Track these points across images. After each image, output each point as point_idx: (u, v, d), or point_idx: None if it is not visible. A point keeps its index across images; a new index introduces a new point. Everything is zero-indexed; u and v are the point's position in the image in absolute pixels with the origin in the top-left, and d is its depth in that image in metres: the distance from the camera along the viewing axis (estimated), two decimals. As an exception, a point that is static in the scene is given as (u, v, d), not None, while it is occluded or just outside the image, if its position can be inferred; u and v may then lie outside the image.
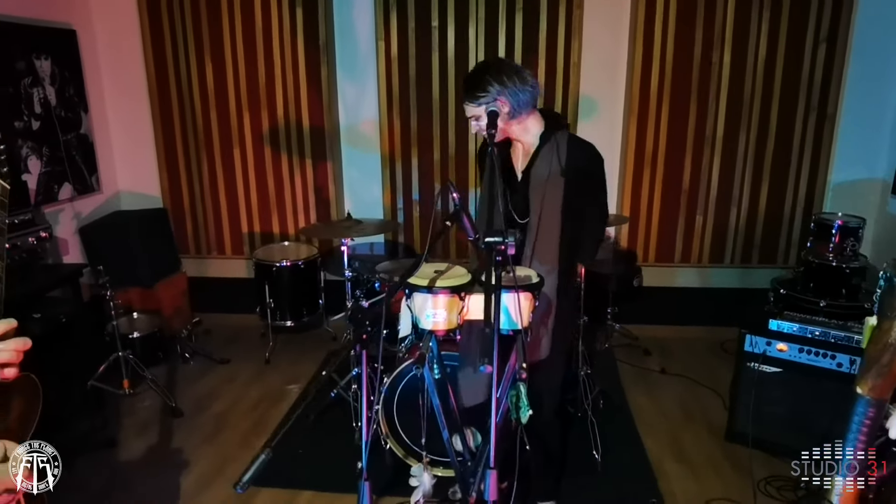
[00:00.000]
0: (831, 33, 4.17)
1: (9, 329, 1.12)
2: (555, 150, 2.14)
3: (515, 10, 4.22)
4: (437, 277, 1.78)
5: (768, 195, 4.47)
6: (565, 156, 2.12)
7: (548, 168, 2.13)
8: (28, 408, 1.20)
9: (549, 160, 2.13)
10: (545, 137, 2.16)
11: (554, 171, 2.12)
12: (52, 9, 4.10)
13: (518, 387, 1.57)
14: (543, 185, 2.11)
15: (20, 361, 1.17)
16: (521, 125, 2.16)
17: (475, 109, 2.08)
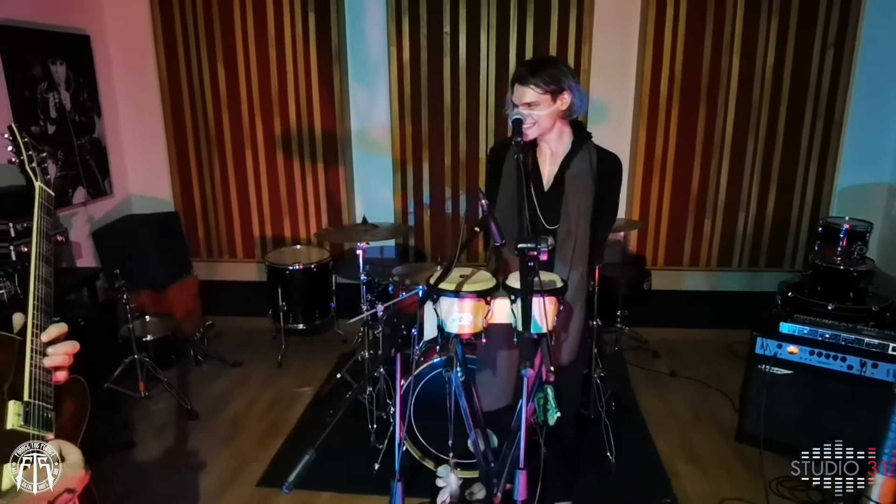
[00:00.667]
0: (838, 40, 4.24)
1: (60, 333, 1.18)
2: (587, 158, 2.17)
3: (526, 17, 4.29)
4: (464, 282, 1.83)
5: (776, 200, 4.53)
6: (596, 164, 2.17)
7: (584, 175, 2.16)
8: (79, 409, 1.25)
9: (583, 168, 2.16)
10: (577, 145, 2.19)
11: (587, 181, 2.15)
12: (66, 14, 4.16)
13: (545, 389, 1.62)
14: (579, 192, 2.13)
15: (70, 364, 1.22)
16: (562, 129, 2.17)
17: (538, 95, 2.02)
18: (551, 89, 2.03)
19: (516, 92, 2.07)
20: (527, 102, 2.04)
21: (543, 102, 2.04)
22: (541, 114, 2.04)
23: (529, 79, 2.03)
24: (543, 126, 2.09)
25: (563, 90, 2.06)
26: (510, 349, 2.26)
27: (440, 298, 1.80)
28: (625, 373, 3.98)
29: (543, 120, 2.07)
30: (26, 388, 1.08)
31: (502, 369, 2.31)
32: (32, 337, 1.12)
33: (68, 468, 1.02)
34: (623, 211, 4.59)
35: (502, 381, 2.31)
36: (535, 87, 2.03)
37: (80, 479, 1.04)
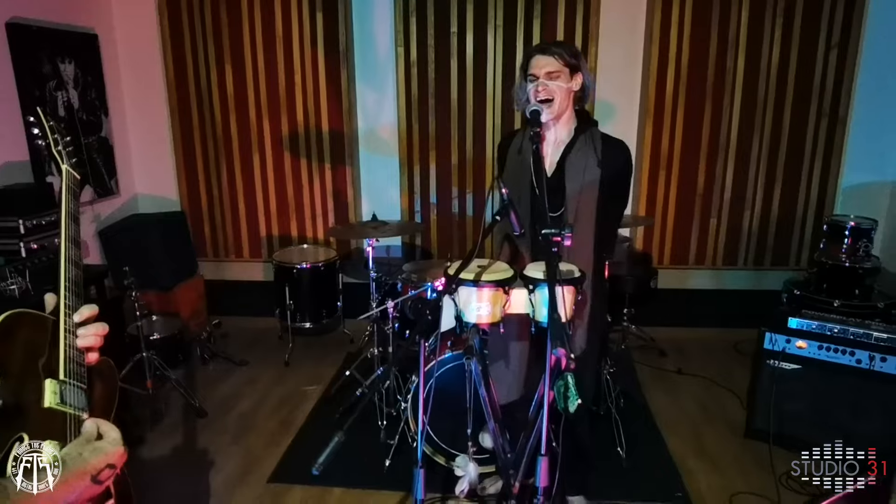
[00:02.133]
0: (842, 39, 4.27)
1: (91, 315, 1.19)
2: (590, 144, 2.16)
3: (533, 17, 4.32)
4: (482, 272, 1.85)
5: (781, 198, 4.56)
6: (601, 152, 2.16)
7: (584, 162, 2.15)
8: (109, 388, 1.27)
9: (585, 154, 2.15)
10: (579, 131, 2.19)
11: (590, 166, 2.14)
12: (75, 13, 4.18)
13: (566, 377, 1.62)
14: (581, 178, 2.13)
15: (101, 346, 1.24)
16: (569, 115, 2.18)
17: (560, 66, 2.06)
18: (572, 63, 2.08)
19: (538, 62, 2.09)
20: (549, 72, 2.06)
21: (563, 75, 2.07)
22: (561, 86, 2.07)
23: (553, 49, 2.08)
24: (560, 105, 2.10)
25: (580, 69, 2.11)
26: (521, 340, 2.28)
27: (459, 288, 1.81)
28: (632, 371, 4.00)
29: (561, 96, 2.09)
30: (61, 367, 1.09)
31: (514, 362, 2.32)
32: (65, 317, 1.13)
33: (109, 444, 1.04)
34: (631, 208, 4.61)
35: (514, 373, 2.32)
36: (559, 58, 2.06)
37: (120, 455, 1.05)
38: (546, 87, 2.06)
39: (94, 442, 1.03)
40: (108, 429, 1.06)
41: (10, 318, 1.08)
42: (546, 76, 2.07)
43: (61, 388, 1.07)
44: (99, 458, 1.01)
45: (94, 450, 1.01)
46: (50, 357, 1.11)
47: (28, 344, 1.10)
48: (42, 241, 3.41)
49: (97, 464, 1.00)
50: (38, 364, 1.09)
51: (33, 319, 1.13)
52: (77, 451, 1.00)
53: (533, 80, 2.09)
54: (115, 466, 1.03)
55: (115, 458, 1.03)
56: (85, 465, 0.98)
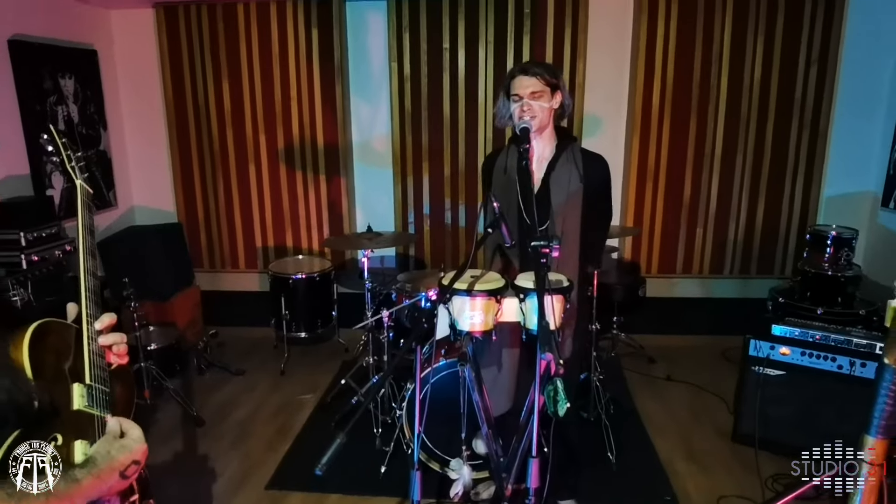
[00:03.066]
0: (822, 55, 4.39)
1: (111, 323, 1.25)
2: (572, 160, 2.26)
3: (523, 33, 4.42)
4: (475, 282, 1.91)
5: (765, 208, 4.65)
6: (582, 166, 2.26)
7: (567, 176, 2.24)
8: (128, 392, 1.33)
9: (568, 170, 2.25)
10: (561, 148, 2.29)
11: (574, 180, 2.24)
12: (75, 30, 4.25)
13: (555, 381, 1.69)
14: (566, 192, 2.22)
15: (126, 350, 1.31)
16: (550, 132, 2.28)
17: (542, 86, 2.15)
18: (552, 83, 2.17)
19: (521, 83, 2.17)
20: (532, 92, 2.15)
21: (545, 95, 2.16)
22: (543, 105, 2.16)
23: (534, 69, 2.17)
24: (543, 122, 2.20)
25: (559, 88, 2.20)
26: (513, 347, 2.34)
27: (453, 297, 1.87)
28: (622, 378, 4.05)
29: (543, 114, 2.19)
30: (87, 372, 1.15)
31: (505, 373, 2.38)
32: (87, 325, 1.19)
33: (133, 442, 1.11)
34: (618, 219, 4.69)
35: (505, 381, 2.38)
36: (540, 78, 2.15)
37: (143, 452, 1.13)
38: (530, 107, 2.15)
39: (120, 440, 1.09)
40: (130, 427, 1.14)
41: (40, 327, 1.14)
42: (529, 96, 2.15)
43: (88, 391, 1.13)
44: (126, 454, 1.08)
45: (121, 447, 1.08)
46: (75, 361, 1.18)
47: (56, 350, 1.17)
48: (43, 254, 3.45)
49: (125, 460, 1.07)
50: (65, 368, 1.16)
51: (59, 327, 1.20)
52: (106, 448, 1.07)
53: (517, 100, 2.18)
54: (140, 462, 1.11)
55: (139, 455, 1.12)
56: (113, 461, 1.06)
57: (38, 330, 1.13)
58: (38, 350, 1.12)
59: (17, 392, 1.05)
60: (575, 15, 4.38)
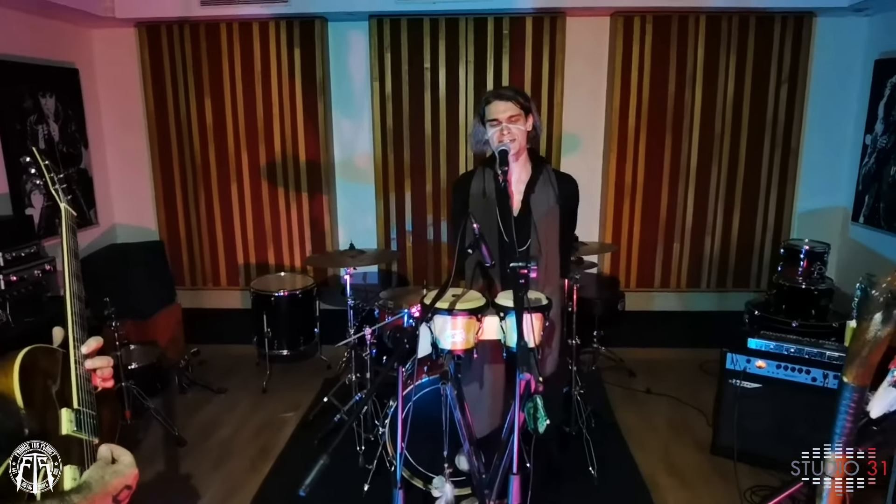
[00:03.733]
0: (791, 74, 4.51)
1: (97, 346, 1.25)
2: (549, 181, 2.34)
3: (502, 53, 4.48)
4: (456, 301, 1.93)
5: (740, 223, 4.74)
6: (557, 186, 2.35)
7: (546, 197, 2.32)
8: (113, 415, 1.32)
9: (546, 190, 2.33)
10: (537, 170, 2.37)
11: (551, 200, 2.32)
12: (56, 49, 4.22)
13: (535, 399, 1.71)
14: (545, 213, 2.29)
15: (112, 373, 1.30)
16: (525, 155, 2.35)
17: (518, 109, 2.23)
18: (526, 106, 2.26)
19: (497, 107, 2.24)
20: (510, 115, 2.22)
21: (521, 118, 2.24)
22: (521, 128, 2.23)
23: (510, 94, 2.26)
24: (521, 144, 2.27)
25: (531, 111, 2.28)
26: (495, 364, 2.36)
27: (434, 316, 1.89)
28: (603, 391, 4.08)
29: (521, 137, 2.26)
30: (75, 397, 1.15)
31: (487, 393, 2.40)
32: (74, 349, 1.19)
33: (125, 467, 1.12)
34: (596, 235, 4.75)
35: (488, 400, 2.40)
36: (515, 102, 2.24)
37: (135, 477, 1.14)
38: (510, 131, 2.22)
39: (112, 465, 1.09)
40: (121, 453, 1.15)
41: (30, 353, 1.13)
42: (508, 120, 2.22)
43: (76, 416, 1.13)
44: (119, 479, 1.10)
45: (113, 472, 1.09)
46: (63, 386, 1.18)
47: (44, 375, 1.16)
48: (22, 273, 3.40)
49: (117, 485, 1.09)
50: (53, 393, 1.16)
51: (45, 352, 1.20)
52: (99, 474, 1.08)
53: (496, 124, 2.23)
54: (132, 487, 1.12)
55: (131, 480, 1.13)
56: (107, 486, 1.07)
57: (26, 357, 1.12)
58: (27, 377, 1.12)
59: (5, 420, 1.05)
60: (553, 36, 4.46)
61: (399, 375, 1.59)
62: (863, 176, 4.44)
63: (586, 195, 4.44)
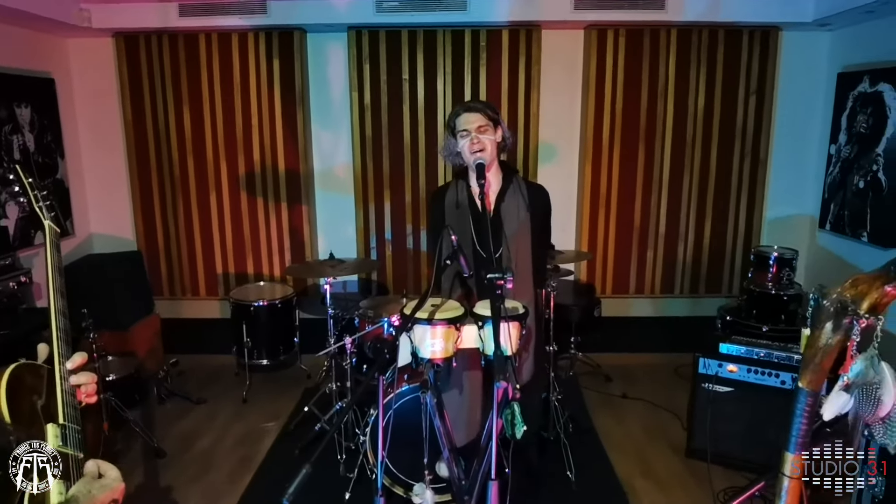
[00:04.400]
0: (759, 86, 4.64)
1: (82, 362, 1.26)
2: (518, 190, 2.42)
3: (479, 65, 4.54)
4: (435, 311, 1.96)
5: (711, 230, 4.85)
6: (528, 196, 2.42)
7: (516, 206, 2.39)
8: (96, 429, 1.34)
9: (516, 199, 2.40)
10: (507, 179, 2.44)
11: (522, 209, 2.39)
12: (32, 58, 4.18)
13: (512, 406, 1.74)
14: (516, 221, 2.36)
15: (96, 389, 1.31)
16: (496, 166, 2.42)
17: (487, 120, 2.31)
18: (494, 118, 2.34)
19: (467, 119, 2.32)
20: (479, 126, 2.30)
21: (489, 129, 2.32)
22: (490, 139, 2.31)
23: (479, 106, 2.35)
24: (492, 154, 2.35)
25: (499, 123, 2.36)
26: (474, 371, 2.39)
27: (414, 326, 1.92)
28: (580, 396, 4.13)
29: (491, 147, 2.34)
30: (60, 413, 1.16)
31: (466, 401, 2.43)
32: (59, 365, 1.20)
33: (112, 481, 1.14)
34: (572, 243, 4.82)
35: (465, 415, 2.44)
36: (484, 114, 2.32)
37: (121, 491, 1.16)
38: (479, 140, 2.30)
39: (99, 480, 1.11)
40: (107, 468, 1.17)
41: (16, 370, 1.15)
42: (477, 130, 2.30)
43: (62, 431, 1.14)
44: (106, 493, 1.12)
45: (101, 487, 1.12)
46: (48, 402, 1.19)
47: (31, 391, 1.18)
48: (-5, 285, 3.37)
49: (104, 499, 1.11)
50: (39, 408, 1.17)
51: (31, 369, 1.21)
52: (87, 488, 1.10)
53: (466, 134, 2.31)
54: (118, 501, 1.15)
55: (118, 494, 1.16)
56: (94, 500, 1.09)
57: (12, 374, 1.13)
58: (14, 394, 1.13)
59: None
60: (528, 48, 4.54)
61: (380, 385, 1.61)
62: (828, 185, 4.58)
63: (562, 204, 4.53)
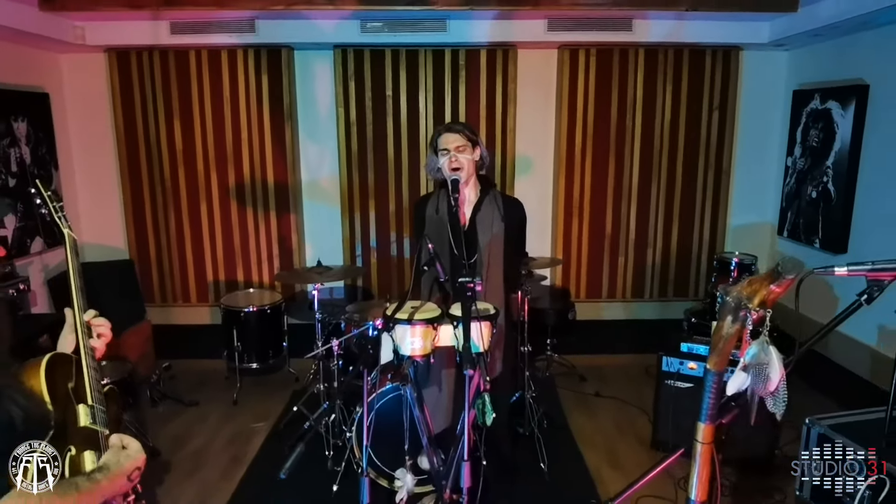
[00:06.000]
0: (721, 103, 4.91)
1: (96, 314, 1.45)
2: (494, 203, 2.63)
3: (459, 82, 4.76)
4: (415, 312, 2.15)
5: (678, 238, 5.10)
6: (503, 208, 2.63)
7: (491, 217, 2.61)
8: (117, 409, 1.51)
9: (491, 211, 2.62)
10: (484, 192, 2.66)
11: (496, 220, 2.60)
12: (28, 74, 4.32)
13: (483, 396, 1.95)
14: (490, 231, 2.57)
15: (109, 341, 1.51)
16: (473, 180, 2.63)
17: (465, 140, 2.52)
18: (472, 138, 2.56)
19: (447, 138, 2.54)
20: (457, 146, 2.52)
21: (468, 148, 2.53)
22: (467, 157, 2.53)
23: (458, 127, 2.56)
24: (469, 171, 2.56)
25: (477, 143, 2.58)
26: (449, 368, 2.59)
27: (395, 326, 2.11)
28: (555, 395, 4.33)
29: (468, 165, 2.55)
30: (89, 395, 1.33)
31: (444, 394, 2.63)
32: (86, 356, 1.37)
33: (135, 452, 1.31)
34: (547, 249, 5.05)
35: (443, 404, 2.63)
36: (462, 134, 2.54)
37: (143, 460, 1.33)
38: (457, 158, 2.51)
39: (125, 450, 1.28)
40: (129, 441, 1.33)
41: (51, 359, 1.32)
42: (455, 149, 2.51)
43: (91, 411, 1.31)
44: (131, 462, 1.29)
45: (126, 456, 1.28)
46: (77, 385, 1.36)
47: (64, 376, 1.35)
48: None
49: (130, 467, 1.28)
50: (70, 391, 1.35)
51: (62, 357, 1.39)
52: (116, 458, 1.27)
53: (445, 153, 2.52)
54: (141, 468, 1.32)
55: (141, 462, 1.33)
56: (122, 467, 1.26)
57: (49, 362, 1.31)
58: (51, 378, 1.30)
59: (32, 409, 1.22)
60: (505, 67, 4.77)
61: (365, 379, 1.80)
62: (785, 194, 4.86)
63: (538, 213, 4.77)
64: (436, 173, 2.60)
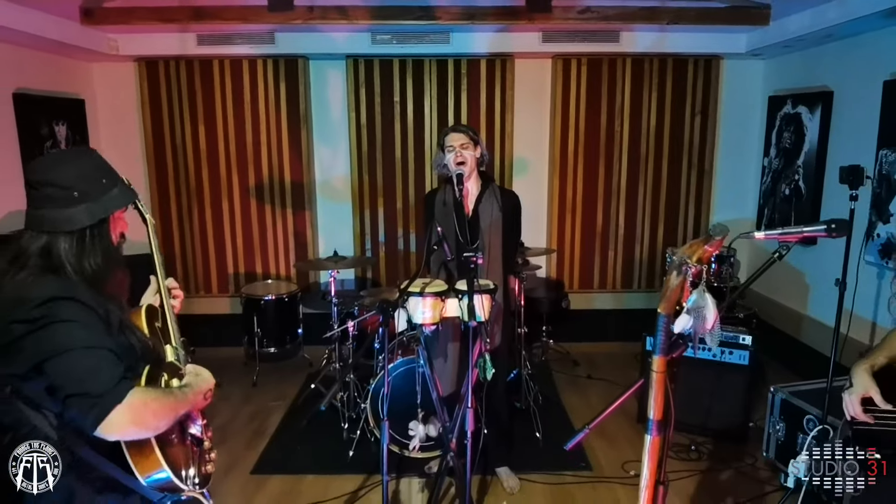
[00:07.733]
0: (704, 108, 5.18)
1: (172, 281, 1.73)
2: (493, 195, 2.93)
3: (461, 90, 5.05)
4: (425, 287, 2.44)
5: (664, 233, 5.36)
6: (500, 200, 2.93)
7: (490, 207, 2.90)
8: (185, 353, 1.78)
9: (490, 202, 2.91)
10: (484, 187, 2.95)
11: (495, 210, 2.90)
12: (66, 82, 4.60)
13: (484, 356, 2.23)
14: (489, 219, 2.86)
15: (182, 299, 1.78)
16: (475, 175, 2.93)
17: (469, 140, 2.83)
18: (474, 138, 2.88)
19: (453, 137, 2.85)
20: (462, 143, 2.83)
21: (471, 146, 2.84)
22: (471, 154, 2.83)
23: (462, 128, 2.90)
24: (471, 166, 2.85)
25: (478, 142, 2.90)
26: (454, 341, 2.88)
27: (409, 299, 2.39)
28: (551, 378, 4.61)
29: (471, 161, 2.85)
30: (172, 338, 1.61)
31: (450, 362, 2.91)
32: (170, 313, 1.65)
33: (208, 376, 1.56)
34: (543, 241, 5.31)
35: (449, 371, 2.91)
36: (466, 134, 2.86)
37: (213, 384, 1.58)
38: (461, 154, 2.82)
39: (198, 376, 1.55)
40: (202, 370, 1.59)
41: (147, 307, 1.63)
42: (460, 147, 2.82)
43: (175, 351, 1.59)
44: (206, 383, 1.55)
45: (202, 379, 1.55)
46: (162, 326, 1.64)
47: (154, 321, 1.63)
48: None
49: (206, 386, 1.54)
50: (156, 328, 1.63)
51: (153, 308, 1.67)
52: (194, 380, 1.52)
53: (451, 150, 2.83)
54: (212, 389, 1.57)
55: (212, 384, 1.58)
56: (201, 386, 1.52)
57: (146, 309, 1.60)
58: (149, 321, 1.59)
59: (144, 341, 1.50)
60: (503, 76, 5.05)
61: (384, 334, 2.07)
62: (763, 192, 5.13)
63: (534, 210, 5.05)
64: (442, 169, 2.90)
